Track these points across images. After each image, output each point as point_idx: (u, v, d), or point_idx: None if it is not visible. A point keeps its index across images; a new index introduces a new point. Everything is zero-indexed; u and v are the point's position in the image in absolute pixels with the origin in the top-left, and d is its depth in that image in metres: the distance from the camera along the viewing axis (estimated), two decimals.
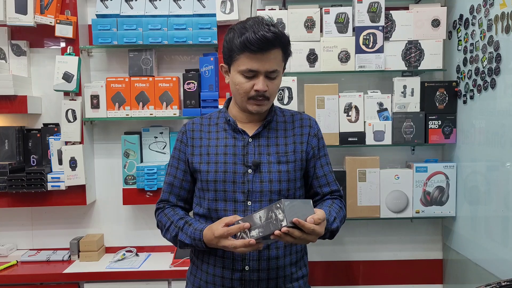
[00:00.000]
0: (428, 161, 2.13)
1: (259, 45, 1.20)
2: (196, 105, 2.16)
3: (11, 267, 2.15)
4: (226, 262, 1.28)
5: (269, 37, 1.20)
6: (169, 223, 1.33)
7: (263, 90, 1.25)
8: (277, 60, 1.26)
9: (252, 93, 1.26)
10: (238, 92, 1.29)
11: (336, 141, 2.07)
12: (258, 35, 1.19)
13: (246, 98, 1.28)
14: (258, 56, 1.22)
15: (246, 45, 1.21)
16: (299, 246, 1.37)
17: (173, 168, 1.39)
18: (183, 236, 1.29)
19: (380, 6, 2.03)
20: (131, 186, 2.20)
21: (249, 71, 1.24)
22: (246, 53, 1.22)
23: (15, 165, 2.15)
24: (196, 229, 1.26)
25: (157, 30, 2.13)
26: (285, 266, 1.31)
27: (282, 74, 1.36)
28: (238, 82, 1.27)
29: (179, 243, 1.31)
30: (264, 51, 1.22)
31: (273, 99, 1.33)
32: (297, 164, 1.34)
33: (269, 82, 1.27)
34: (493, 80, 1.73)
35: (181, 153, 1.38)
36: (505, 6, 1.65)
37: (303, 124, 1.39)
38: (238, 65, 1.26)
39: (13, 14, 2.11)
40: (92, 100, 2.16)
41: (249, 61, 1.23)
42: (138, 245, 2.33)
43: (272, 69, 1.25)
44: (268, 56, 1.23)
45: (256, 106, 1.28)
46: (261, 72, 1.24)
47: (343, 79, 2.23)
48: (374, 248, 2.33)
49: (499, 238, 1.71)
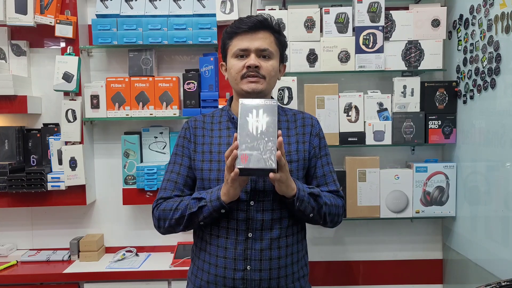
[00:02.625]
0: (428, 161, 2.13)
1: (247, 25, 1.28)
2: (196, 105, 2.16)
3: (11, 267, 2.15)
4: (228, 262, 1.28)
5: (259, 19, 1.29)
6: (178, 203, 1.29)
7: (254, 65, 1.27)
8: (268, 40, 1.31)
9: (244, 70, 1.29)
10: (232, 75, 1.32)
11: (336, 141, 2.07)
12: (248, 18, 1.31)
13: (239, 78, 1.30)
14: (248, 36, 1.29)
15: (236, 26, 1.30)
16: (300, 245, 1.37)
17: (177, 165, 1.36)
18: (195, 203, 1.25)
19: (380, 6, 2.03)
20: (131, 186, 2.20)
21: (240, 51, 1.29)
22: (237, 36, 1.30)
23: (15, 165, 2.15)
24: (212, 191, 1.24)
25: (157, 30, 2.13)
26: (287, 266, 1.31)
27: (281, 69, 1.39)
28: (232, 65, 1.31)
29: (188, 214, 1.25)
30: (253, 31, 1.29)
31: (271, 82, 1.33)
32: (300, 163, 1.34)
33: (262, 61, 1.30)
34: (493, 80, 1.73)
35: (184, 149, 1.37)
36: (505, 6, 1.65)
37: (305, 123, 1.40)
38: (231, 50, 1.32)
39: (13, 14, 2.11)
40: (92, 100, 2.16)
41: (239, 42, 1.30)
42: (138, 245, 2.33)
43: (262, 47, 1.29)
44: (257, 35, 1.29)
45: (250, 84, 1.29)
46: (251, 50, 1.29)
47: (343, 79, 2.23)
48: (374, 248, 2.33)
49: (499, 238, 1.71)
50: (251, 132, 1.13)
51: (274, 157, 1.11)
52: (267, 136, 1.13)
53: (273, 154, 1.12)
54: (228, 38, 1.33)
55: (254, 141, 1.12)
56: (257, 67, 1.28)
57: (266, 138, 1.13)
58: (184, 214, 1.26)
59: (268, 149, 1.12)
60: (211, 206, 1.23)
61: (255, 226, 1.27)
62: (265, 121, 1.14)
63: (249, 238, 1.27)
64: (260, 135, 1.13)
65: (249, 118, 1.15)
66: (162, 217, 1.31)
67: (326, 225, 1.37)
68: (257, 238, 1.27)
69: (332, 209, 1.34)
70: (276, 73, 1.35)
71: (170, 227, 1.31)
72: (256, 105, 1.16)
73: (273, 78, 1.33)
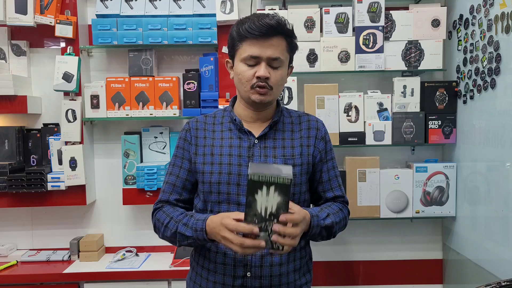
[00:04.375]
0: (428, 161, 2.13)
1: (260, 30, 1.19)
2: (196, 105, 2.16)
3: (11, 267, 2.15)
4: (228, 268, 1.25)
5: (272, 24, 1.20)
6: (168, 219, 1.26)
7: (264, 76, 1.21)
8: (280, 48, 1.24)
9: (254, 80, 1.23)
10: (240, 82, 1.26)
11: (336, 141, 2.07)
12: (261, 21, 1.20)
13: (249, 87, 1.25)
14: (260, 42, 1.21)
15: (248, 31, 1.20)
16: (303, 252, 1.34)
17: (176, 168, 1.34)
18: (183, 228, 1.22)
19: (380, 6, 2.03)
20: (131, 186, 2.20)
21: (250, 57, 1.22)
22: (248, 40, 1.22)
23: (15, 165, 2.15)
24: (198, 219, 1.20)
25: (157, 30, 2.13)
26: (288, 273, 1.28)
27: (288, 71, 1.33)
28: (241, 71, 1.25)
29: (178, 236, 1.23)
30: (266, 37, 1.21)
31: (278, 91, 1.29)
32: (304, 167, 1.30)
33: (272, 71, 1.24)
34: (493, 80, 1.73)
35: (185, 152, 1.34)
36: (505, 6, 1.64)
37: (310, 126, 1.36)
38: (240, 54, 1.25)
39: (13, 14, 2.11)
40: (92, 100, 2.16)
41: (251, 47, 1.22)
42: (138, 245, 2.33)
43: (274, 56, 1.22)
44: (270, 42, 1.21)
45: (258, 95, 1.24)
46: (262, 58, 1.22)
47: (343, 79, 2.23)
48: (374, 248, 2.33)
49: (499, 238, 1.71)
50: (259, 212, 1.06)
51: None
52: (276, 218, 1.06)
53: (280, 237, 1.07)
54: (238, 39, 1.25)
55: (261, 222, 1.06)
56: (267, 78, 1.23)
57: (275, 220, 1.06)
58: (174, 239, 1.25)
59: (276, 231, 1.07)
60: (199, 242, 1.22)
61: None
62: (275, 202, 1.05)
63: None
64: (269, 216, 1.06)
65: (257, 196, 1.04)
66: (157, 226, 1.31)
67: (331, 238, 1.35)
68: None
69: (341, 223, 1.33)
70: (284, 80, 1.31)
71: (164, 238, 1.30)
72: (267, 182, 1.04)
73: (280, 86, 1.29)
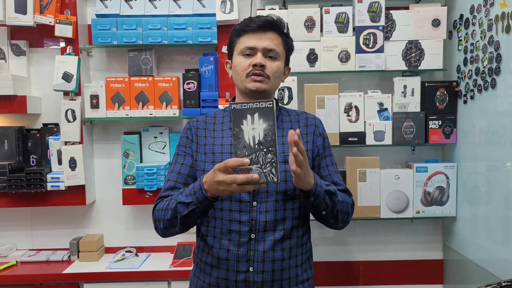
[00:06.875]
0: (429, 161, 2.13)
1: (256, 24, 1.30)
2: (196, 105, 2.16)
3: (10, 267, 2.15)
4: (231, 264, 1.27)
5: (268, 19, 1.31)
6: (168, 201, 1.25)
7: (260, 64, 1.28)
8: (275, 41, 1.32)
9: (249, 69, 1.29)
10: (237, 73, 1.32)
11: (336, 141, 2.06)
12: (258, 17, 1.33)
13: (245, 76, 1.30)
14: (256, 35, 1.30)
15: (245, 24, 1.32)
16: (305, 248, 1.36)
17: (178, 165, 1.35)
18: (182, 198, 1.19)
19: (380, 6, 2.03)
20: (130, 186, 2.20)
21: (247, 48, 1.30)
22: (245, 34, 1.31)
23: (15, 165, 2.15)
24: (194, 183, 1.20)
25: (157, 30, 2.13)
26: (290, 268, 1.30)
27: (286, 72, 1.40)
28: (238, 62, 1.32)
29: (179, 207, 1.20)
30: (262, 30, 1.30)
31: (275, 83, 1.34)
32: None
33: (268, 61, 1.31)
34: (494, 80, 1.73)
35: (187, 149, 1.36)
36: (506, 6, 1.64)
37: (308, 123, 1.39)
38: (237, 48, 1.33)
39: (12, 14, 2.11)
40: (91, 100, 2.16)
41: (247, 39, 1.31)
42: (138, 245, 2.33)
43: (270, 47, 1.30)
44: (265, 35, 1.31)
45: (254, 82, 1.29)
46: (258, 49, 1.30)
47: (343, 79, 2.23)
48: (374, 248, 2.33)
49: (500, 238, 1.71)
50: (248, 143, 1.04)
51: (275, 169, 1.03)
52: (266, 147, 1.03)
53: (273, 166, 1.03)
54: (236, 35, 1.34)
55: (252, 153, 1.03)
56: (262, 66, 1.28)
57: (265, 149, 1.03)
58: (176, 216, 1.22)
59: (268, 161, 1.03)
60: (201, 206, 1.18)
61: (258, 227, 1.26)
62: (262, 128, 1.03)
63: (251, 240, 1.26)
64: (258, 145, 1.03)
65: (243, 126, 1.04)
66: (157, 217, 1.29)
67: (337, 225, 1.34)
68: (260, 240, 1.26)
69: (343, 206, 1.31)
70: (281, 74, 1.35)
71: (165, 229, 1.28)
72: (250, 109, 1.04)
73: (277, 79, 1.34)
